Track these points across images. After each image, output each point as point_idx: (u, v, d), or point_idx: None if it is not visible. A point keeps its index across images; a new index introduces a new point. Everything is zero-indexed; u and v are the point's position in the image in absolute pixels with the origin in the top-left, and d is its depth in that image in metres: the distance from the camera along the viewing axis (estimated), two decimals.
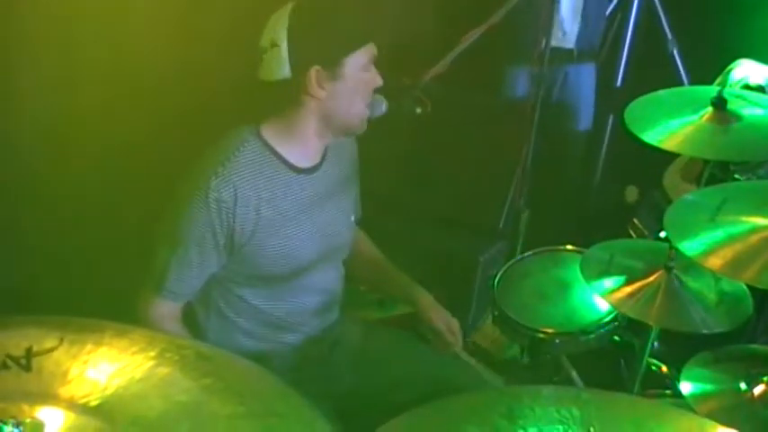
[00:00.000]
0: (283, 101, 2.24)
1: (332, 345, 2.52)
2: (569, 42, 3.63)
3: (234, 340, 2.35)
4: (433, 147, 3.38)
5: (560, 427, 1.47)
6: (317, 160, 2.34)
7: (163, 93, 2.84)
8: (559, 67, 3.62)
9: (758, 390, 1.92)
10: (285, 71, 2.17)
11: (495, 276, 2.65)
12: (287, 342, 2.41)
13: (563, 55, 3.62)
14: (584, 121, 3.90)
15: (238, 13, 2.55)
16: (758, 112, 2.34)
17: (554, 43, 3.44)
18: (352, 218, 2.55)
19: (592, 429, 1.45)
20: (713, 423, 1.52)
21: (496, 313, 2.56)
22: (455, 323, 2.56)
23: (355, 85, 2.21)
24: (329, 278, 2.49)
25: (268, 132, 2.25)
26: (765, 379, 1.93)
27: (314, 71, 2.16)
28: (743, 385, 1.95)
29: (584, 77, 3.83)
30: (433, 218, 3.36)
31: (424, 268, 2.72)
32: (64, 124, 2.65)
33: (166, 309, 2.26)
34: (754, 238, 1.85)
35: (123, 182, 2.78)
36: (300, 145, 2.27)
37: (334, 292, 2.52)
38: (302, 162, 2.29)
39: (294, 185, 2.28)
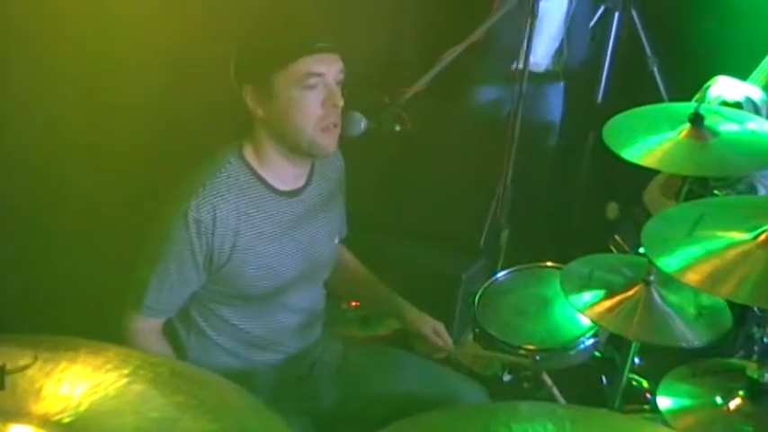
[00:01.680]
0: (248, 121, 2.25)
1: (313, 363, 2.52)
2: (538, 66, 3.66)
3: (215, 359, 2.36)
4: (413, 164, 3.39)
5: None
6: (299, 184, 2.34)
7: (152, 111, 2.85)
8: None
9: (734, 404, 1.92)
10: (235, 90, 2.21)
11: (476, 294, 2.65)
12: (268, 361, 2.41)
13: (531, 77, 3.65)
14: (553, 139, 3.92)
15: (232, 25, 2.56)
16: (734, 127, 2.35)
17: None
18: (336, 239, 2.55)
19: None
20: None
21: (477, 330, 2.56)
22: (440, 326, 2.59)
23: (290, 102, 2.17)
24: (310, 298, 2.49)
25: (249, 154, 2.26)
26: (741, 393, 1.93)
27: (248, 89, 2.18)
28: (719, 399, 1.95)
29: (554, 98, 3.86)
30: (415, 236, 3.37)
31: (407, 286, 2.72)
32: (48, 141, 2.65)
33: (147, 325, 2.27)
34: (732, 253, 1.85)
35: (107, 199, 2.78)
36: (274, 168, 2.28)
37: (316, 312, 2.53)
38: (283, 185, 2.30)
39: (275, 208, 2.28)
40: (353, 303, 3.11)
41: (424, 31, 3.64)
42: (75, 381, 1.37)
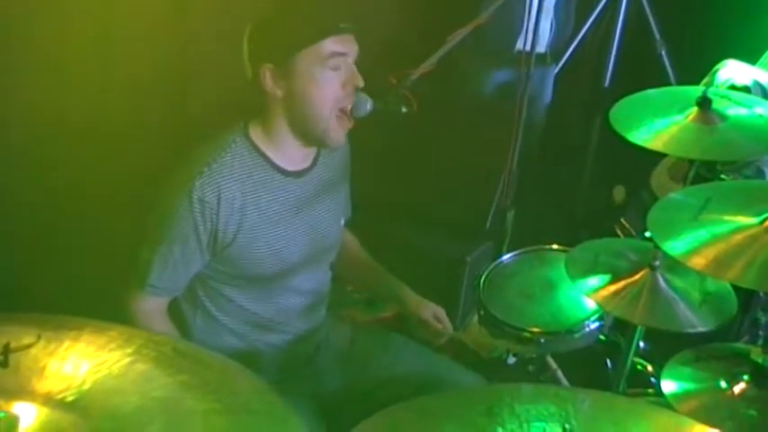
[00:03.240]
0: (259, 102, 2.24)
1: (318, 345, 2.53)
2: (540, 48, 3.64)
3: (220, 339, 2.36)
4: (419, 146, 3.39)
5: (539, 424, 1.48)
6: (306, 164, 2.33)
7: (155, 92, 2.84)
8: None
9: (738, 388, 1.92)
10: (248, 70, 2.20)
11: (481, 276, 2.65)
12: (273, 342, 2.42)
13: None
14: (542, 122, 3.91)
15: (234, 12, 2.55)
16: (742, 111, 2.34)
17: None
18: (342, 220, 2.55)
19: (567, 426, 1.46)
20: (690, 420, 1.53)
21: (482, 313, 2.55)
22: (441, 311, 2.59)
23: (312, 81, 2.17)
24: (316, 279, 2.49)
25: (255, 134, 2.25)
26: (745, 377, 1.93)
27: (267, 69, 2.17)
28: (723, 384, 1.94)
29: (551, 80, 3.84)
30: (420, 218, 3.37)
31: (412, 269, 2.72)
32: (51, 123, 2.65)
33: (151, 304, 2.27)
34: (738, 237, 1.85)
35: (110, 178, 2.78)
36: (282, 149, 2.27)
37: (321, 294, 2.53)
38: (290, 165, 2.29)
39: (281, 188, 2.28)
40: None
41: (431, 11, 3.62)
42: (78, 359, 1.38)
